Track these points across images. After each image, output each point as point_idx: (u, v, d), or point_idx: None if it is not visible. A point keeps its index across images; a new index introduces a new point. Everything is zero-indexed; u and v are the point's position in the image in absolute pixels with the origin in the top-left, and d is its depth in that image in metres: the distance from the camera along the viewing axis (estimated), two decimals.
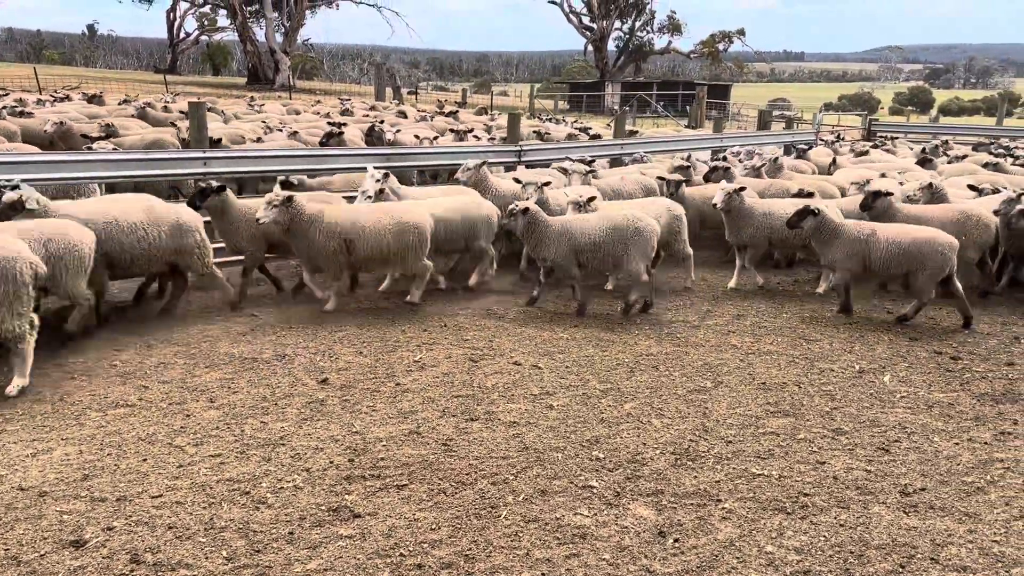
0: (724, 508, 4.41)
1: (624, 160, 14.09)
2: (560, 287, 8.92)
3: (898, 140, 21.89)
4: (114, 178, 9.18)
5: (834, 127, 33.63)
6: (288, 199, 7.46)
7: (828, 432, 5.44)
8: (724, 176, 10.82)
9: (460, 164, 10.23)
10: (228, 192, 7.99)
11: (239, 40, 58.70)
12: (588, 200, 8.52)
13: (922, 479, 4.80)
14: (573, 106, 56.84)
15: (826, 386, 6.29)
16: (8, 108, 16.38)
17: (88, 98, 22.95)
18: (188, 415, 5.48)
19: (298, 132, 14.66)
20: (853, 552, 4.01)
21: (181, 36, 71.14)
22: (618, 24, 66.69)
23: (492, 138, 15.94)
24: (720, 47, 65.42)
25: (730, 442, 5.24)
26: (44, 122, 13.76)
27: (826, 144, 18.74)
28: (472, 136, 15.97)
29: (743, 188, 9.14)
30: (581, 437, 5.25)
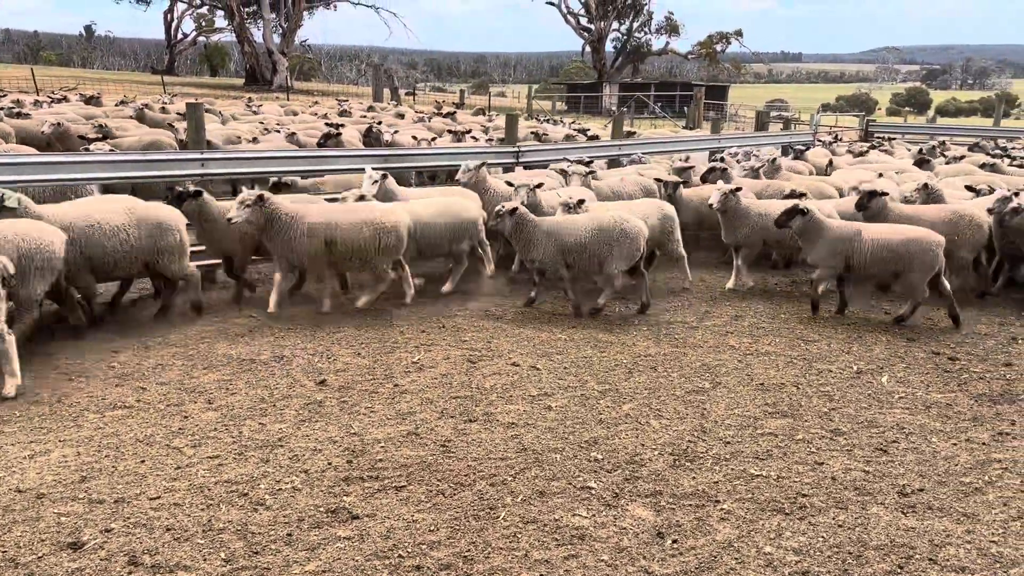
0: (723, 509, 4.41)
1: (622, 161, 14.10)
2: (557, 288, 8.91)
3: (895, 141, 21.91)
4: (112, 179, 9.17)
5: (832, 128, 33.67)
6: (260, 198, 7.29)
7: (826, 433, 5.44)
8: (721, 177, 10.83)
9: (458, 165, 10.23)
10: (205, 196, 7.81)
11: (237, 41, 58.73)
12: (578, 202, 8.53)
13: (920, 480, 4.80)
14: (571, 107, 56.87)
15: (824, 387, 6.30)
16: (5, 109, 16.38)
17: (86, 99, 22.94)
18: (186, 416, 5.47)
19: (296, 133, 14.66)
20: (852, 553, 4.01)
21: (179, 37, 71.20)
22: (616, 25, 66.78)
23: (490, 139, 15.94)
24: (718, 48, 65.53)
25: (728, 443, 5.25)
26: (41, 123, 13.75)
27: (824, 145, 18.76)
28: (470, 137, 15.98)
29: (739, 188, 9.16)
30: (579, 438, 5.25)
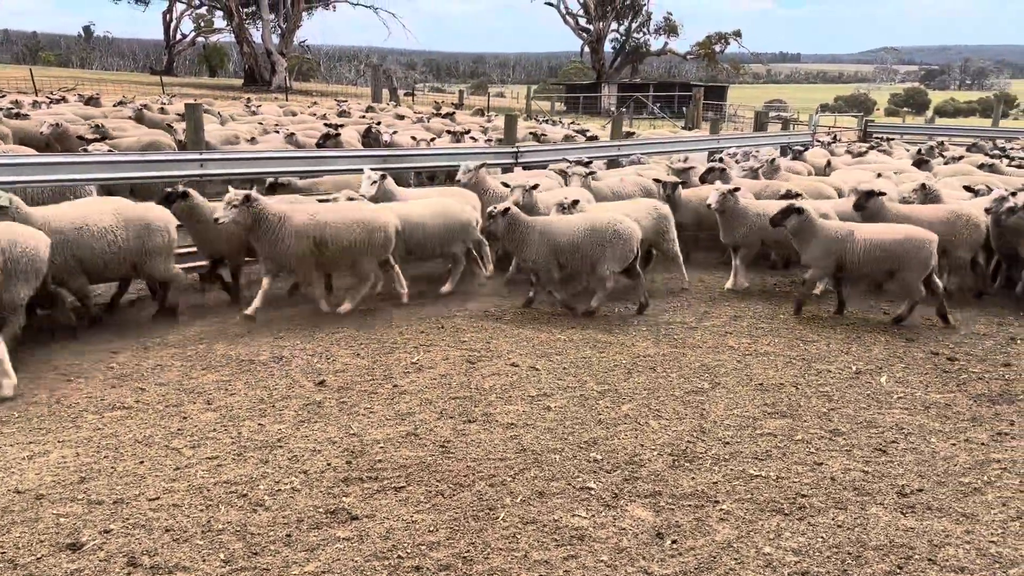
0: (722, 509, 4.41)
1: (621, 162, 14.11)
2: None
3: (894, 141, 21.94)
4: (111, 180, 9.17)
5: (830, 128, 33.70)
6: (247, 198, 7.20)
7: (825, 433, 5.44)
8: (720, 177, 10.84)
9: (457, 165, 10.23)
10: (194, 196, 7.77)
11: (236, 42, 58.74)
12: (572, 203, 8.53)
13: (919, 480, 4.80)
14: (570, 107, 56.89)
15: (823, 387, 6.30)
16: (4, 110, 16.35)
17: (85, 100, 22.93)
18: (185, 417, 5.47)
19: (295, 134, 14.65)
20: (851, 553, 4.01)
21: (177, 37, 71.16)
22: (615, 25, 66.78)
23: (489, 140, 15.94)
24: (716, 48, 65.51)
25: (728, 443, 5.25)
26: (40, 124, 13.74)
27: (822, 145, 18.77)
28: (469, 138, 15.97)
29: (737, 189, 9.16)
30: (579, 438, 5.25)
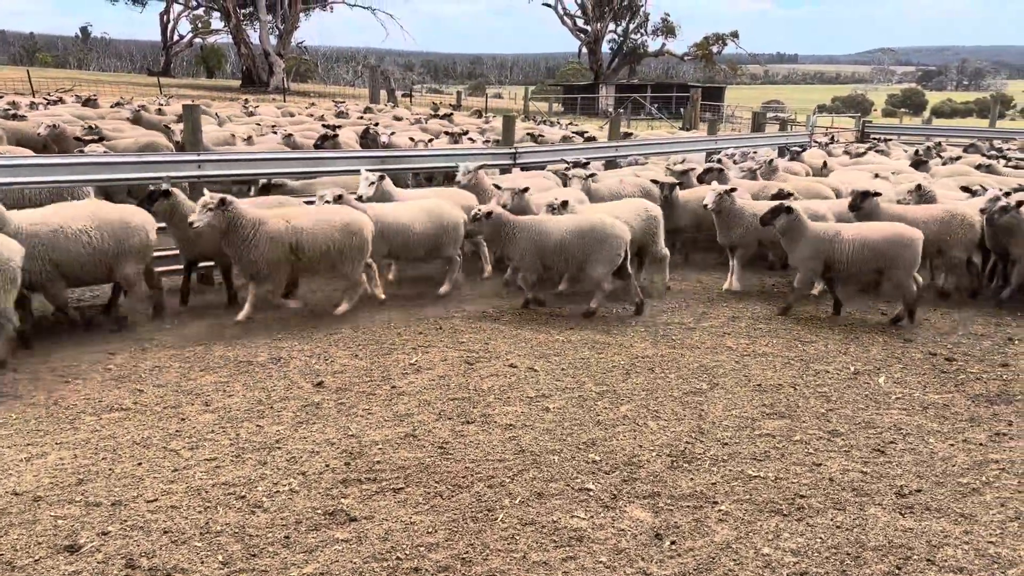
0: (720, 510, 4.41)
1: (619, 162, 14.11)
2: (553, 288, 8.93)
3: (892, 142, 21.97)
4: (108, 181, 9.15)
5: (827, 129, 33.74)
6: (222, 201, 7.12)
7: (824, 434, 5.44)
8: (717, 178, 10.84)
9: (455, 166, 10.22)
10: (176, 195, 7.69)
11: (233, 43, 58.76)
12: (562, 204, 8.52)
13: (918, 480, 4.80)
14: (567, 108, 56.94)
15: (821, 388, 6.30)
16: (1, 111, 16.33)
17: (82, 101, 22.90)
18: (183, 419, 5.46)
19: (293, 135, 14.65)
20: (850, 554, 4.01)
21: (175, 39, 71.10)
22: (612, 26, 66.86)
23: (487, 140, 15.94)
24: (714, 49, 65.55)
25: (726, 444, 5.25)
26: (37, 125, 13.73)
27: (820, 146, 18.80)
28: (467, 139, 15.97)
29: (733, 189, 9.17)
30: (577, 439, 5.25)
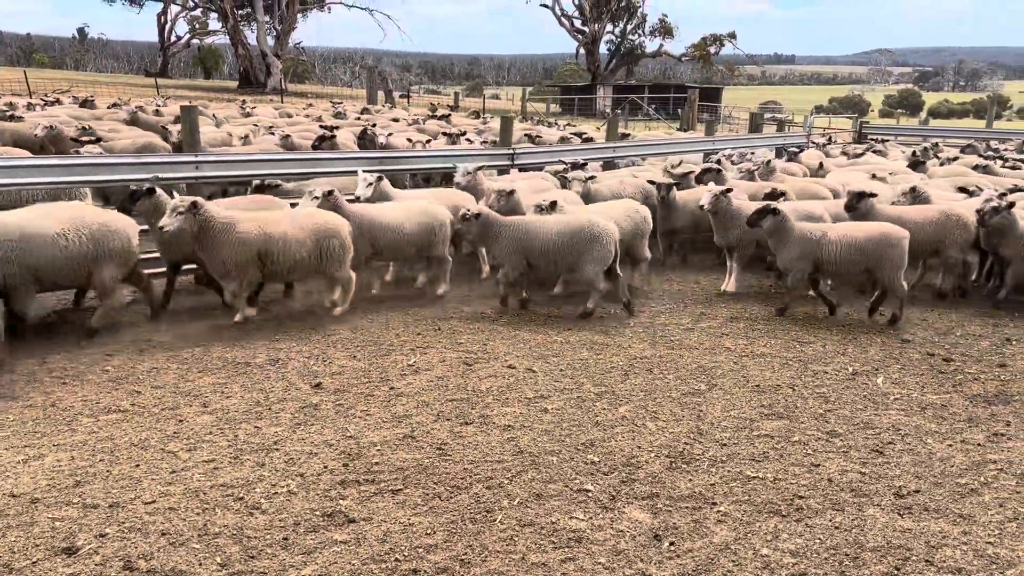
0: (719, 511, 4.41)
1: (618, 163, 14.11)
2: (550, 289, 8.93)
3: (889, 143, 22.00)
4: (106, 182, 9.14)
5: (825, 130, 33.78)
6: (193, 204, 6.98)
7: (822, 434, 5.45)
8: (715, 179, 10.84)
9: (453, 167, 10.22)
10: (159, 195, 7.59)
11: (230, 43, 58.70)
12: (551, 204, 8.52)
13: (916, 481, 4.81)
14: (565, 109, 56.96)
15: (820, 388, 6.31)
16: None
17: (80, 102, 22.87)
18: (181, 420, 5.45)
19: (290, 135, 14.64)
20: (848, 554, 4.01)
21: (172, 39, 71.03)
22: (610, 27, 66.80)
23: (484, 141, 15.94)
24: (711, 50, 65.51)
25: (725, 445, 5.25)
26: (34, 126, 13.70)
27: (817, 147, 18.82)
28: (465, 139, 15.97)
29: (730, 190, 9.17)
30: (576, 441, 5.25)
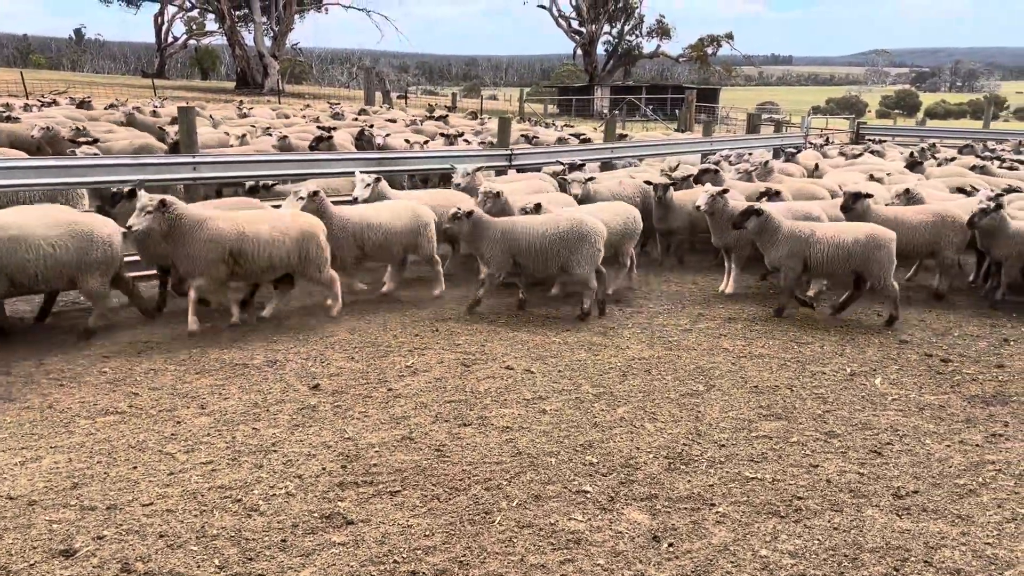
0: (718, 512, 4.41)
1: (615, 164, 14.12)
2: (547, 289, 8.93)
3: (886, 143, 22.03)
4: (104, 183, 9.13)
5: (822, 130, 33.83)
6: (162, 203, 6.81)
7: (821, 435, 5.45)
8: (713, 179, 10.84)
9: (450, 168, 10.22)
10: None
11: (228, 44, 58.64)
12: (535, 206, 8.53)
13: (915, 482, 4.81)
14: (562, 110, 56.99)
15: (818, 389, 6.31)
16: None
17: (76, 103, 22.85)
18: (179, 422, 5.44)
19: (288, 136, 14.63)
20: (847, 555, 4.01)
21: (169, 40, 71.00)
22: (607, 28, 66.89)
23: (482, 142, 15.95)
24: (709, 51, 65.61)
25: (723, 446, 5.24)
26: (31, 127, 13.68)
27: (815, 147, 18.84)
28: (462, 140, 15.98)
29: (726, 190, 9.17)
30: (574, 442, 5.24)
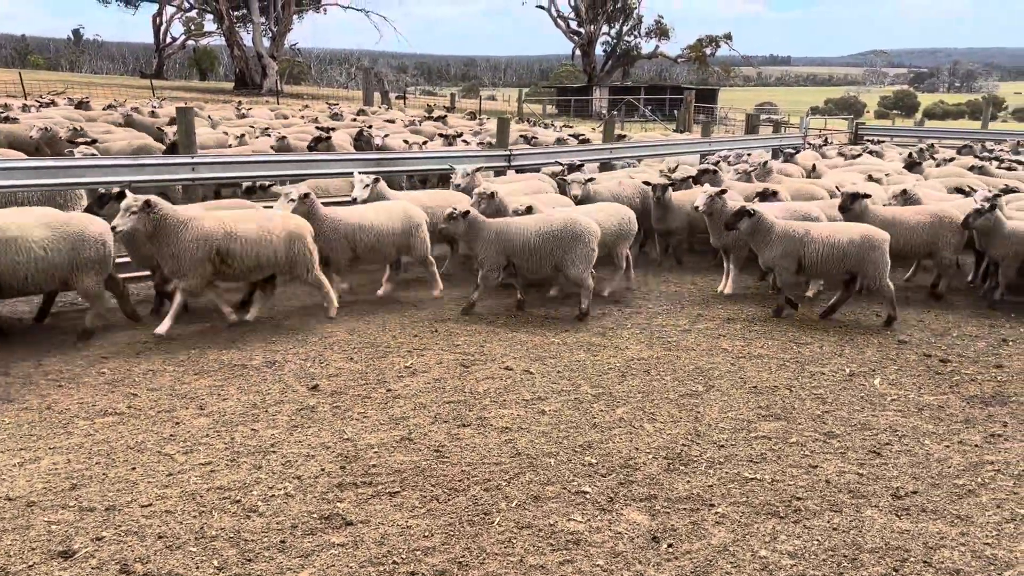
0: (717, 513, 4.41)
1: (614, 164, 14.12)
2: (544, 291, 8.93)
3: (885, 144, 22.05)
4: (102, 184, 9.12)
5: (821, 131, 33.85)
6: (147, 203, 6.74)
7: (820, 436, 5.45)
8: (712, 179, 10.84)
9: (449, 168, 10.21)
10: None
11: (226, 45, 58.64)
12: (526, 208, 8.54)
13: (914, 482, 4.81)
14: (561, 110, 56.99)
15: (817, 389, 6.31)
16: None
17: (75, 104, 22.83)
18: (178, 423, 5.43)
19: (286, 137, 14.63)
20: (846, 556, 4.01)
21: (167, 41, 70.94)
22: (606, 29, 66.95)
23: (481, 143, 15.95)
24: (707, 51, 65.68)
25: (722, 446, 5.24)
26: (30, 128, 13.67)
27: (814, 148, 18.85)
28: (461, 141, 15.99)
29: (725, 191, 9.17)
30: (574, 442, 5.24)
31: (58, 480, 4.60)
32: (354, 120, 22.60)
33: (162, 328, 7.09)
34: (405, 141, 15.56)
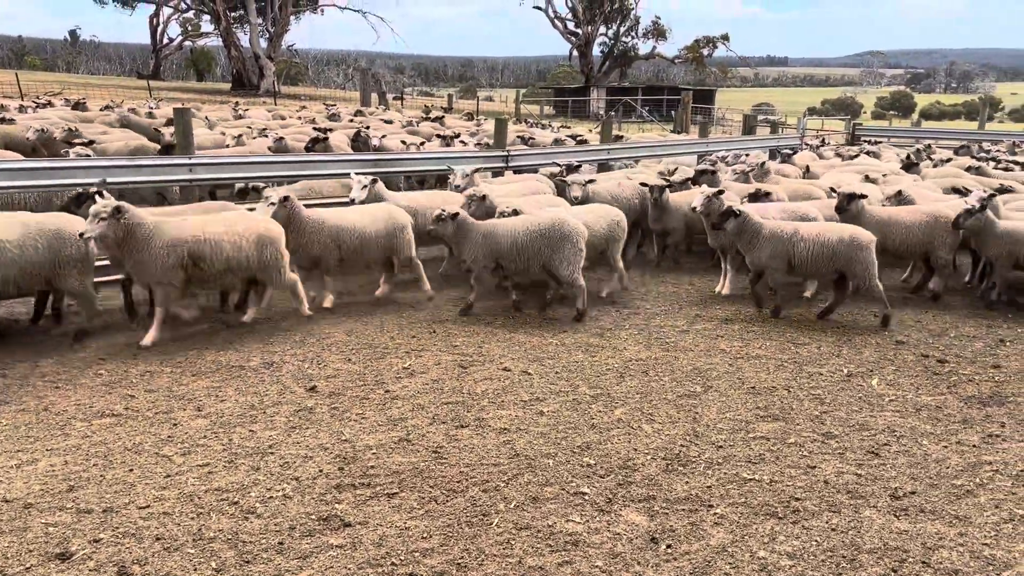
0: (716, 513, 4.41)
1: (612, 165, 14.13)
2: (540, 292, 8.92)
3: (882, 144, 22.07)
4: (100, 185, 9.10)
5: (818, 131, 33.89)
6: (116, 209, 6.57)
7: (818, 436, 5.45)
8: (709, 180, 10.84)
9: (447, 169, 10.21)
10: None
11: (223, 45, 58.59)
12: (512, 212, 8.53)
13: (912, 482, 4.81)
14: (558, 111, 56.97)
15: (815, 390, 6.31)
16: None
17: (72, 105, 22.79)
18: (175, 424, 5.42)
19: (284, 138, 14.61)
20: (845, 556, 4.01)
21: (164, 41, 70.80)
22: (603, 29, 66.98)
23: (479, 143, 15.95)
24: (704, 52, 65.76)
25: (721, 447, 5.24)
26: (26, 129, 13.64)
27: (811, 148, 18.87)
28: (459, 142, 15.98)
29: (722, 191, 9.17)
30: (572, 443, 5.24)
31: (55, 482, 4.59)
32: (351, 121, 22.58)
33: (147, 340, 6.95)
34: (403, 142, 15.55)
